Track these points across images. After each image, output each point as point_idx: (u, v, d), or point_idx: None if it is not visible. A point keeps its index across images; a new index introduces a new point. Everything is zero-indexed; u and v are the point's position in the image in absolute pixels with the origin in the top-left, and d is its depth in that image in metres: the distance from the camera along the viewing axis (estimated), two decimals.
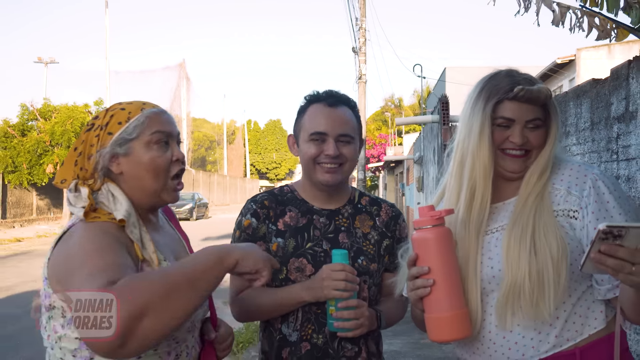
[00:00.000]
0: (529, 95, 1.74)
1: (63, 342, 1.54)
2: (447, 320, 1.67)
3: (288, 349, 2.13)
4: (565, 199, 1.74)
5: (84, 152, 1.65)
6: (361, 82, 21.16)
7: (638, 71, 2.87)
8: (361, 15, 21.10)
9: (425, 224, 1.68)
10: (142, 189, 1.68)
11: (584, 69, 20.88)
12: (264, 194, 2.29)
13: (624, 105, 3.03)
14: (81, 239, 1.52)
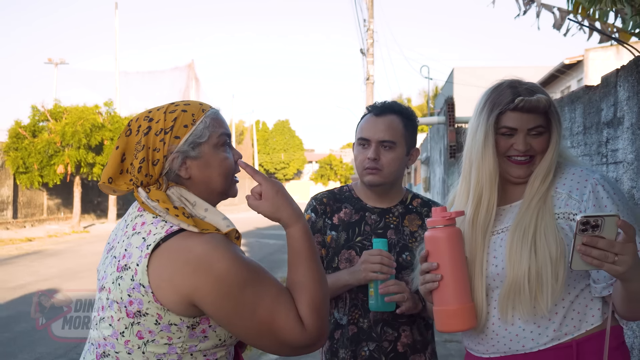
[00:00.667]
0: (528, 106, 1.86)
1: (149, 347, 1.57)
2: (453, 312, 1.82)
3: (339, 331, 2.41)
4: (566, 202, 1.85)
5: (148, 158, 1.61)
6: (369, 83, 21.28)
7: (625, 79, 3.01)
8: (369, 16, 21.22)
9: (438, 224, 1.83)
10: (210, 191, 1.69)
11: (592, 70, 20.81)
12: (325, 192, 2.58)
13: (612, 111, 3.17)
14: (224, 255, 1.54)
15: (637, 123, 2.84)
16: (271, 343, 1.57)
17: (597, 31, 5.77)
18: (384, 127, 2.37)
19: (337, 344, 2.41)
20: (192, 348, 1.58)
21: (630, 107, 2.94)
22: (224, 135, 1.70)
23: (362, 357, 2.35)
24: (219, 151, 1.68)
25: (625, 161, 2.99)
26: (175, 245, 1.54)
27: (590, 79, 20.62)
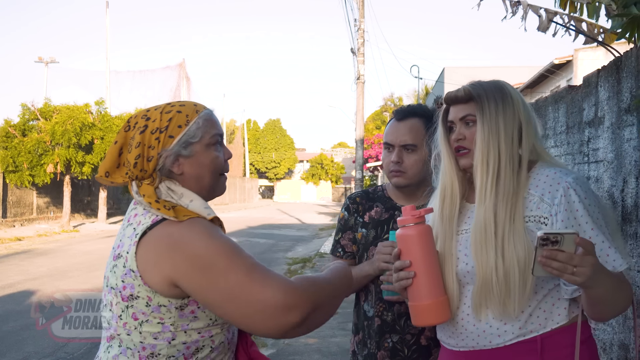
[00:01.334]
0: (450, 97, 1.98)
1: (144, 327, 1.68)
2: (427, 307, 1.88)
3: (367, 322, 2.57)
4: (538, 205, 1.87)
5: (143, 155, 1.74)
6: (359, 83, 21.30)
7: (606, 79, 3.06)
8: (360, 16, 21.24)
9: (408, 222, 1.88)
10: (200, 187, 1.80)
11: (582, 70, 20.89)
12: (359, 191, 2.74)
13: (593, 111, 3.21)
14: (200, 235, 1.65)
15: (617, 123, 2.89)
16: (248, 310, 1.59)
17: (583, 33, 5.83)
18: (405, 131, 2.49)
19: (366, 334, 2.56)
20: (184, 326, 1.69)
21: (610, 107, 2.98)
22: (216, 136, 1.82)
23: (386, 348, 2.47)
24: (210, 150, 1.80)
25: (605, 160, 3.03)
26: (159, 233, 1.67)
27: (579, 79, 20.72)
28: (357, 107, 21.61)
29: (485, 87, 1.95)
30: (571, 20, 5.83)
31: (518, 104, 1.95)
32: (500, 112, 1.91)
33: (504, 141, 1.89)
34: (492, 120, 1.91)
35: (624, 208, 2.80)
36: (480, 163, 1.91)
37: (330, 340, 7.13)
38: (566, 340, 1.85)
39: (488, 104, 1.92)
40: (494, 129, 1.90)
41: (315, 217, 34.85)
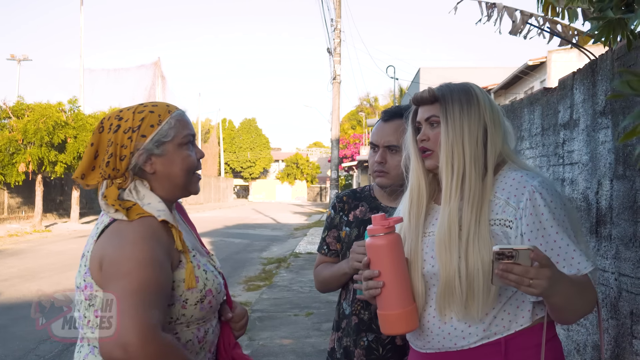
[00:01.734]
0: (416, 98, 2.01)
1: None
2: (395, 316, 1.88)
3: (345, 320, 2.61)
4: (504, 209, 1.88)
5: (115, 154, 1.78)
6: (335, 83, 21.31)
7: (581, 82, 3.08)
8: (336, 16, 21.25)
9: (377, 232, 1.87)
10: (173, 185, 1.85)
11: (555, 71, 21.13)
12: (347, 191, 2.79)
13: (569, 114, 3.23)
14: (130, 244, 1.68)
15: (592, 125, 2.91)
16: (105, 322, 1.61)
17: (558, 35, 5.87)
18: (389, 132, 2.53)
19: (343, 332, 2.61)
20: None
21: (585, 109, 3.00)
22: (188, 135, 1.87)
23: (362, 346, 2.50)
24: (182, 149, 1.84)
25: (580, 162, 3.05)
26: (110, 230, 1.74)
27: (552, 80, 20.94)
28: (333, 106, 21.62)
29: (451, 88, 1.97)
30: (546, 22, 5.89)
31: (484, 106, 1.95)
32: (464, 114, 1.92)
33: (468, 143, 1.90)
34: (455, 122, 1.92)
35: (598, 210, 2.82)
36: (445, 165, 1.92)
37: (305, 340, 7.11)
38: (530, 341, 1.87)
39: (452, 105, 1.93)
40: (457, 131, 1.91)
41: (291, 217, 34.82)
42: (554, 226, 1.83)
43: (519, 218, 1.85)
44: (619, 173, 2.61)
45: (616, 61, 2.67)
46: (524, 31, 6.11)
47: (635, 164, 2.45)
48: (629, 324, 2.48)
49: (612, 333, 2.65)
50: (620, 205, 2.59)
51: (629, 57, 2.53)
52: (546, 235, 1.83)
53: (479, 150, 1.91)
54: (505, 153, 1.98)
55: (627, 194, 2.53)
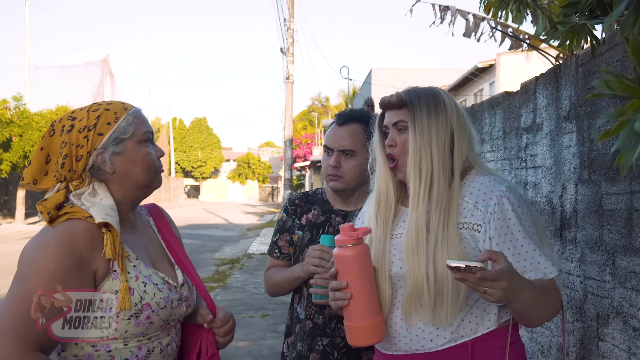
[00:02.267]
0: (383, 103, 2.01)
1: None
2: (362, 328, 1.86)
3: (299, 325, 2.58)
4: (472, 213, 1.90)
5: (71, 154, 1.70)
6: (289, 83, 21.28)
7: (544, 87, 3.11)
8: (289, 15, 21.21)
9: (345, 243, 1.84)
10: (134, 184, 1.79)
11: (504, 73, 21.57)
12: (299, 194, 2.75)
13: (531, 118, 3.27)
14: (40, 248, 1.61)
15: (556, 130, 2.94)
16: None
17: (509, 37, 5.96)
18: (344, 136, 2.51)
19: (296, 337, 2.58)
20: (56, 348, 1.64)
21: (549, 114, 3.04)
22: (147, 133, 1.81)
23: (317, 351, 2.48)
24: (142, 147, 1.78)
25: (544, 166, 3.09)
26: (37, 234, 1.69)
27: (501, 82, 21.36)
28: (286, 106, 21.58)
29: (419, 93, 1.97)
30: (498, 25, 5.98)
31: (452, 112, 1.97)
32: (432, 120, 1.93)
33: (435, 149, 1.91)
34: (423, 127, 1.92)
35: (562, 214, 2.85)
36: (412, 170, 1.92)
37: (261, 342, 7.07)
38: (495, 344, 1.90)
39: (420, 111, 1.93)
40: (425, 137, 1.91)
41: (242, 217, 34.63)
42: (521, 231, 1.87)
43: (487, 222, 1.88)
44: (584, 177, 2.64)
45: (580, 67, 2.70)
46: (477, 33, 6.21)
47: (600, 169, 2.48)
48: (595, 327, 2.52)
49: (577, 335, 2.68)
50: (586, 209, 2.62)
51: (594, 63, 2.56)
52: (514, 240, 1.87)
53: (447, 156, 1.93)
54: (471, 158, 2.01)
55: (592, 198, 2.56)
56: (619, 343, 2.33)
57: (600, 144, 2.49)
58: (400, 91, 2.00)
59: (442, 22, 6.24)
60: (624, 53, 2.32)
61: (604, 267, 2.46)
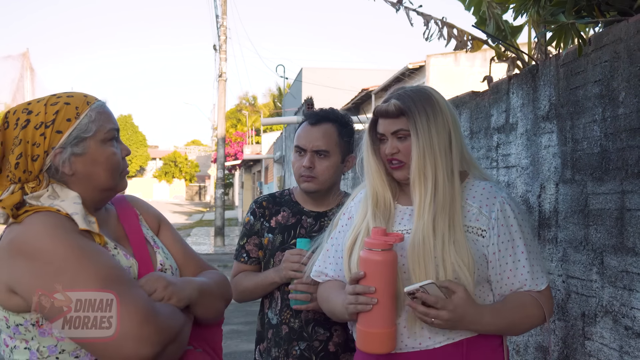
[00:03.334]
0: (380, 111, 1.97)
1: (15, 355, 1.51)
2: (379, 336, 1.81)
3: (272, 330, 2.49)
4: (477, 217, 1.91)
5: (26, 153, 1.53)
6: (221, 80, 21.03)
7: (519, 87, 3.12)
8: (222, 12, 20.95)
9: (376, 247, 1.78)
10: (95, 187, 1.61)
11: (433, 74, 21.94)
12: (266, 195, 2.65)
13: (504, 117, 3.28)
14: (40, 234, 1.46)
15: (533, 129, 2.95)
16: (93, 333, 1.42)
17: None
18: (318, 136, 2.45)
19: (269, 343, 2.49)
20: (52, 350, 1.47)
21: (524, 114, 3.05)
22: (112, 130, 1.63)
23: (294, 356, 2.42)
24: (106, 146, 1.61)
25: (519, 166, 3.10)
26: (3, 238, 1.51)
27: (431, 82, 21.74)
28: (218, 105, 21.32)
29: (414, 99, 1.94)
30: (444, 26, 6.05)
31: (446, 112, 1.97)
32: (432, 125, 1.91)
33: (438, 154, 1.90)
34: (425, 135, 1.90)
35: (540, 213, 2.87)
36: (417, 178, 1.90)
37: None
38: (488, 342, 1.92)
39: (420, 118, 1.91)
40: (428, 144, 1.89)
41: (171, 217, 33.96)
42: (522, 238, 1.91)
43: (492, 228, 1.90)
44: (566, 177, 2.66)
45: (561, 67, 2.72)
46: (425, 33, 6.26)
47: (586, 169, 2.50)
48: (581, 326, 2.53)
49: (560, 334, 2.70)
50: (568, 208, 2.64)
51: (578, 63, 2.58)
52: (515, 247, 1.90)
53: (448, 158, 1.92)
54: (466, 157, 2.02)
55: (576, 198, 2.58)
56: (609, 342, 2.34)
57: (586, 143, 2.51)
58: (394, 99, 1.95)
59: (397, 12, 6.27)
60: (613, 54, 2.34)
61: (589, 267, 2.48)
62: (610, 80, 2.36)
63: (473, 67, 21.04)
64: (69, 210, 1.52)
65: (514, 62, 5.86)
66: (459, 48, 6.42)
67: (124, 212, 1.79)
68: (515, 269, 1.88)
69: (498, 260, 1.88)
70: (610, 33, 2.37)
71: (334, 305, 2.02)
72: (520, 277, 1.88)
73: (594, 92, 2.46)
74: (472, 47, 6.05)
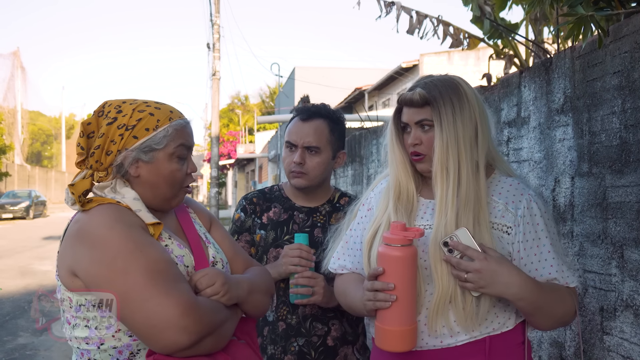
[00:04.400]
0: (404, 99, 1.90)
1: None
2: (400, 333, 1.76)
3: (268, 327, 2.46)
4: (503, 214, 1.85)
5: (103, 147, 1.66)
6: (215, 79, 20.92)
7: (531, 80, 3.09)
8: (215, 11, 20.86)
9: (397, 242, 1.72)
10: (154, 195, 1.73)
11: (427, 73, 22.00)
12: (255, 192, 2.62)
13: (515, 111, 3.25)
14: (101, 224, 1.57)
15: (547, 123, 2.92)
16: (140, 318, 1.50)
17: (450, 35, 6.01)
18: (309, 132, 2.43)
19: (265, 340, 2.46)
20: (109, 328, 1.58)
21: (537, 107, 3.02)
22: (182, 147, 1.74)
23: (292, 352, 2.41)
24: (172, 161, 1.72)
25: (531, 160, 3.07)
26: (71, 225, 1.65)
27: None
28: (212, 103, 21.21)
29: (440, 89, 1.87)
30: (439, 24, 6.02)
31: (474, 104, 1.89)
32: (457, 116, 1.84)
33: (462, 147, 1.83)
34: (450, 126, 1.83)
35: (555, 207, 2.83)
36: (439, 171, 1.84)
37: None
38: (511, 339, 1.87)
39: (445, 109, 1.84)
40: (452, 136, 1.83)
41: None
42: (548, 237, 1.85)
43: (517, 225, 1.84)
44: (583, 170, 2.62)
45: (577, 59, 2.68)
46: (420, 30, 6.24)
47: (604, 162, 2.47)
48: (599, 320, 2.50)
49: (576, 329, 2.66)
50: (585, 202, 2.61)
51: (595, 54, 2.55)
52: (540, 246, 1.85)
53: (473, 152, 1.85)
54: (492, 152, 1.95)
55: (593, 191, 2.54)
56: (630, 336, 2.31)
57: (604, 136, 2.48)
58: (420, 87, 1.89)
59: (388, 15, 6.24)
60: (633, 44, 2.31)
61: (608, 261, 2.45)
62: (630, 71, 2.32)
63: (467, 66, 21.10)
64: (132, 206, 1.65)
65: (511, 60, 5.87)
66: (454, 46, 6.42)
67: (180, 209, 1.91)
68: (542, 268, 1.82)
69: (522, 258, 1.83)
70: (630, 24, 2.33)
71: (352, 300, 1.98)
72: (548, 276, 1.82)
73: (613, 84, 2.43)
74: (469, 45, 6.06)
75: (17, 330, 7.83)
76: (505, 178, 1.93)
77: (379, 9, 6.24)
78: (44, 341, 7.24)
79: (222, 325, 1.63)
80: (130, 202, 1.66)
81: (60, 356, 6.76)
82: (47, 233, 22.00)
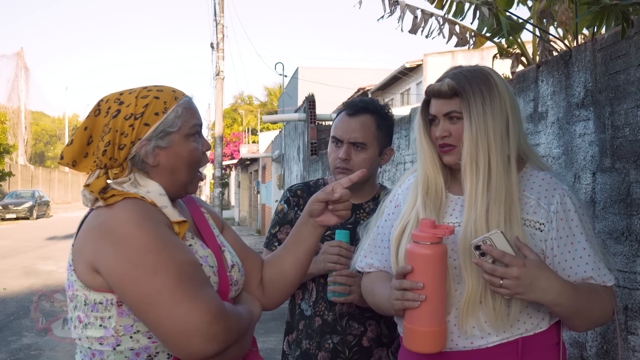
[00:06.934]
0: (432, 91, 1.85)
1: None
2: (429, 334, 1.70)
3: (304, 322, 2.45)
4: (535, 210, 1.79)
5: (114, 142, 1.59)
6: (219, 79, 20.89)
7: (549, 74, 3.02)
8: (219, 11, 20.83)
9: (426, 240, 1.66)
10: (172, 181, 1.67)
11: (431, 73, 21.96)
12: (300, 184, 2.59)
13: (532, 106, 3.18)
14: (128, 221, 1.51)
15: (566, 118, 2.85)
16: (167, 323, 1.45)
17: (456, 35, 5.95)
18: (356, 128, 2.39)
19: (301, 334, 2.45)
20: (128, 329, 1.53)
21: (556, 102, 2.95)
22: (196, 126, 1.70)
23: (326, 349, 2.37)
24: (189, 141, 1.67)
25: (550, 155, 3.00)
26: (90, 218, 1.60)
27: (428, 81, 21.75)
28: (216, 103, 21.16)
29: (470, 79, 1.81)
30: (445, 22, 5.96)
31: (505, 95, 1.83)
32: (487, 108, 1.78)
33: (493, 139, 1.77)
34: (479, 118, 1.77)
35: None
36: (469, 164, 1.78)
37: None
38: (545, 341, 1.81)
39: (475, 100, 1.78)
40: (482, 128, 1.77)
41: None
42: (583, 234, 1.78)
43: (550, 221, 1.78)
44: (605, 166, 2.55)
45: (599, 52, 2.61)
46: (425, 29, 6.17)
47: (628, 156, 2.40)
48: (623, 320, 2.43)
49: (598, 329, 2.59)
50: (608, 198, 2.53)
51: (619, 46, 2.47)
52: (575, 243, 1.78)
53: (504, 145, 1.79)
54: (524, 145, 1.89)
55: (616, 187, 2.47)
56: None
57: (628, 130, 2.40)
58: (449, 78, 1.83)
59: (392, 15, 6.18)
60: None
61: (633, 258, 2.38)
62: None
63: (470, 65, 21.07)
64: (158, 202, 1.60)
65: (518, 58, 5.80)
66: (460, 45, 6.35)
67: (194, 209, 1.86)
68: (577, 266, 1.76)
69: (556, 256, 1.77)
70: None
71: (379, 299, 1.92)
72: (584, 274, 1.76)
73: (638, 76, 2.36)
74: (475, 44, 5.99)
75: (21, 330, 7.80)
76: (538, 172, 1.86)
77: (382, 8, 6.20)
78: (48, 341, 7.19)
79: (246, 333, 1.61)
80: (155, 198, 1.61)
81: (65, 356, 6.71)
82: (51, 233, 21.98)
